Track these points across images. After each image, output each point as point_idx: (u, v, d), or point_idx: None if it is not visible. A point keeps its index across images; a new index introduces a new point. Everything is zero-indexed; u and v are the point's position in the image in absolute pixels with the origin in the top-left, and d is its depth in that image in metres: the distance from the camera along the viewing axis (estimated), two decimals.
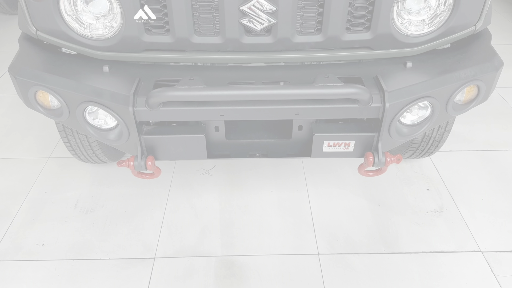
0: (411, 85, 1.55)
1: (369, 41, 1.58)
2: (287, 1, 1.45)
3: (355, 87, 1.44)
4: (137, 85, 1.55)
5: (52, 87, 1.58)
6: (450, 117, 1.74)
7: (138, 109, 1.51)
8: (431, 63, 1.65)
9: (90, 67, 1.64)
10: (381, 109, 1.53)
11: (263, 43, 1.55)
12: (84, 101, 1.56)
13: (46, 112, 1.69)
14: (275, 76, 1.61)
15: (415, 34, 1.61)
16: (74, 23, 1.59)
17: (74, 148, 2.20)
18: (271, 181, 2.41)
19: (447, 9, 1.58)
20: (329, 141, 1.64)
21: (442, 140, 2.20)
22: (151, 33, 1.56)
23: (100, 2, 1.54)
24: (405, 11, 1.57)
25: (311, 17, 1.53)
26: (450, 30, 1.63)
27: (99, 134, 1.67)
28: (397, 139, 1.65)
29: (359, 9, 1.53)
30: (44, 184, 2.40)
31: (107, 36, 1.60)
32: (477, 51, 1.72)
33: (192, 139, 1.62)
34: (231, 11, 1.47)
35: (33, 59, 1.70)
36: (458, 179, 2.41)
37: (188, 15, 1.49)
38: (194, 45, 1.56)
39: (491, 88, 1.71)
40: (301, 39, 1.56)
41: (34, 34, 1.66)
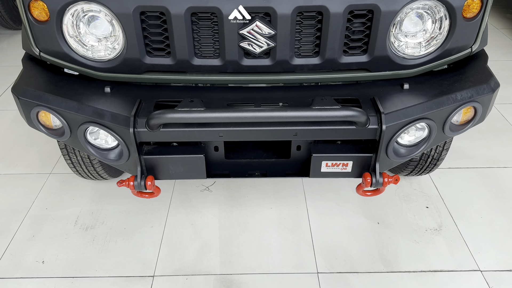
0: (408, 107, 1.57)
1: (366, 63, 1.61)
2: (285, 26, 1.48)
3: (352, 110, 1.46)
4: (138, 106, 1.57)
5: (54, 108, 1.60)
6: (447, 138, 1.76)
7: (138, 130, 1.54)
8: (428, 85, 1.68)
9: (92, 87, 1.67)
10: (378, 131, 1.55)
11: (262, 65, 1.58)
12: (85, 122, 1.59)
13: (48, 132, 1.71)
14: (274, 96, 1.64)
15: (411, 56, 1.64)
16: (76, 45, 1.62)
17: (75, 165, 2.22)
18: (271, 197, 2.42)
19: (443, 32, 1.61)
20: (327, 162, 1.65)
21: (440, 159, 2.21)
22: (153, 55, 1.59)
23: (102, 25, 1.58)
24: (402, 34, 1.60)
25: (309, 41, 1.56)
26: (446, 52, 1.65)
27: (100, 153, 1.69)
28: (394, 160, 1.67)
29: (356, 33, 1.56)
30: (45, 200, 2.42)
31: (109, 58, 1.63)
32: (474, 72, 1.74)
33: (192, 159, 1.64)
34: (231, 35, 1.50)
35: (35, 79, 1.73)
36: (457, 196, 2.42)
37: (188, 39, 1.52)
38: (195, 67, 1.59)
39: (488, 109, 1.73)
40: (299, 61, 1.59)
41: (37, 55, 1.69)
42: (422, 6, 1.55)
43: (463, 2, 1.54)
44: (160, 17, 1.50)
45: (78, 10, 1.54)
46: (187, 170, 1.67)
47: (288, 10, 1.46)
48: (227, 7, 1.46)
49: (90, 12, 1.55)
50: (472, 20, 1.59)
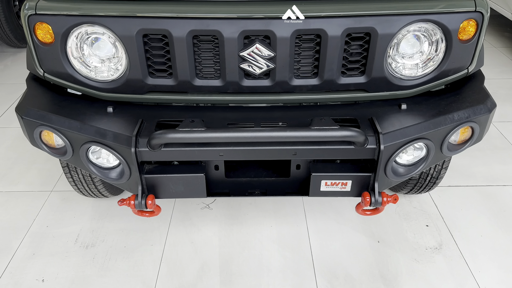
0: (406, 127, 1.60)
1: (364, 84, 1.64)
2: (284, 48, 1.52)
3: (350, 130, 1.48)
4: (140, 126, 1.60)
5: (57, 127, 1.63)
6: (445, 157, 1.77)
7: (140, 150, 1.56)
8: (425, 105, 1.70)
9: (94, 107, 1.70)
10: (376, 150, 1.57)
11: (262, 86, 1.61)
12: (87, 141, 1.61)
13: (51, 151, 1.74)
14: (274, 116, 1.67)
15: (409, 77, 1.67)
16: (80, 66, 1.65)
17: (77, 183, 2.23)
18: (271, 215, 2.43)
19: (439, 54, 1.64)
20: (326, 181, 1.67)
21: (440, 177, 2.22)
22: (155, 76, 1.62)
23: (105, 47, 1.61)
24: (399, 56, 1.63)
25: (308, 62, 1.59)
26: (443, 73, 1.68)
27: (101, 172, 1.71)
28: (393, 179, 1.68)
29: (353, 55, 1.59)
30: (46, 218, 2.42)
31: (112, 78, 1.66)
32: (471, 93, 1.77)
33: (192, 178, 1.66)
34: (231, 57, 1.53)
35: (39, 99, 1.76)
36: (457, 215, 2.42)
37: (190, 60, 1.55)
38: (196, 87, 1.62)
39: (485, 129, 1.75)
40: (298, 82, 1.62)
41: (41, 75, 1.72)
42: (418, 29, 1.59)
43: (458, 25, 1.57)
44: (163, 39, 1.54)
45: (82, 32, 1.58)
46: (187, 189, 1.69)
47: (287, 33, 1.50)
48: (228, 30, 1.49)
49: (94, 34, 1.58)
50: (468, 42, 1.63)
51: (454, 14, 1.56)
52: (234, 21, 1.49)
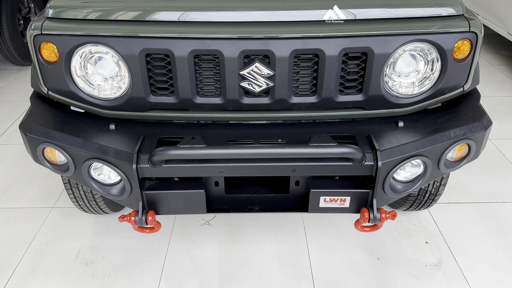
0: (403, 144, 1.62)
1: (361, 102, 1.67)
2: (283, 67, 1.55)
3: (348, 147, 1.51)
4: (142, 143, 1.62)
5: (60, 144, 1.66)
6: (443, 174, 1.79)
7: (141, 166, 1.58)
8: (422, 123, 1.73)
9: (97, 125, 1.73)
10: (374, 167, 1.59)
11: (261, 103, 1.65)
12: (89, 158, 1.64)
13: (53, 167, 1.76)
14: (273, 133, 1.70)
15: (405, 95, 1.70)
16: (83, 84, 1.69)
17: (78, 200, 2.25)
18: (271, 232, 2.43)
19: (435, 73, 1.68)
20: (325, 197, 1.69)
21: (438, 194, 2.24)
22: (157, 94, 1.66)
23: (108, 65, 1.65)
24: (395, 74, 1.67)
25: (306, 81, 1.63)
26: (439, 91, 1.72)
27: (103, 189, 1.73)
28: (391, 196, 1.70)
29: (351, 73, 1.63)
30: (47, 234, 2.43)
31: (114, 96, 1.69)
32: (467, 111, 1.80)
33: (193, 194, 1.68)
34: (232, 76, 1.57)
35: (42, 117, 1.79)
36: (457, 231, 2.43)
37: (191, 79, 1.59)
38: (197, 105, 1.66)
39: (481, 146, 1.78)
40: (297, 100, 1.65)
41: (45, 93, 1.76)
42: (414, 48, 1.63)
43: (453, 45, 1.62)
44: (165, 58, 1.58)
45: (86, 51, 1.62)
46: (187, 205, 1.71)
47: (286, 53, 1.54)
48: (228, 49, 1.54)
49: (97, 53, 1.63)
50: (463, 61, 1.67)
51: (449, 34, 1.60)
52: (234, 41, 1.53)
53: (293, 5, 1.62)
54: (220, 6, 1.61)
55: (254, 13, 1.58)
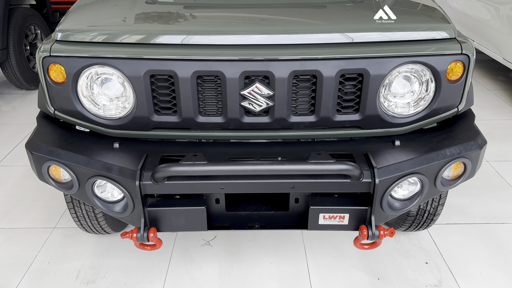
0: (400, 162, 1.67)
1: (358, 121, 1.72)
2: (282, 87, 1.61)
3: (346, 164, 1.55)
4: (145, 160, 1.67)
5: (65, 162, 1.70)
6: (439, 192, 1.83)
7: (144, 183, 1.62)
8: (418, 142, 1.78)
9: (101, 143, 1.78)
10: (372, 184, 1.63)
11: (261, 122, 1.70)
12: (93, 175, 1.67)
13: (57, 185, 1.79)
14: (273, 151, 1.74)
15: (401, 115, 1.75)
16: (89, 104, 1.74)
17: (80, 219, 2.27)
18: (271, 252, 2.44)
19: (430, 93, 1.74)
20: (324, 214, 1.72)
21: (437, 214, 2.26)
22: (160, 114, 1.71)
23: (114, 86, 1.71)
24: (391, 95, 1.73)
25: (305, 100, 1.69)
26: (434, 111, 1.77)
27: (106, 206, 1.76)
28: (389, 213, 1.73)
29: (348, 94, 1.69)
30: (48, 254, 2.44)
31: (119, 116, 1.75)
32: (462, 130, 1.85)
33: (194, 211, 1.71)
34: (233, 95, 1.63)
35: (48, 136, 1.84)
36: (456, 252, 2.44)
37: (194, 99, 1.65)
38: (199, 124, 1.71)
39: (477, 165, 1.81)
40: (296, 119, 1.70)
41: (52, 113, 1.81)
42: (408, 70, 1.69)
43: (446, 66, 1.68)
44: (169, 79, 1.64)
45: (92, 73, 1.68)
46: (188, 222, 1.73)
47: (285, 74, 1.60)
48: (229, 71, 1.60)
49: (104, 75, 1.69)
50: (456, 83, 1.72)
51: (442, 56, 1.66)
52: (236, 63, 1.60)
53: (292, 29, 1.69)
54: (222, 30, 1.69)
55: (255, 36, 1.65)
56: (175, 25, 1.78)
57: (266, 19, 1.86)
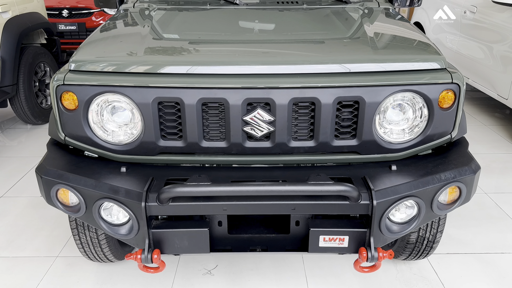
0: (396, 185, 1.73)
1: (356, 147, 1.80)
2: (283, 113, 1.70)
3: (344, 185, 1.61)
4: (151, 183, 1.73)
5: (73, 185, 1.76)
6: (436, 216, 1.87)
7: (149, 204, 1.68)
8: (413, 167, 1.84)
9: (109, 168, 1.85)
10: (370, 206, 1.68)
11: (263, 147, 1.78)
12: (101, 198, 1.73)
13: (65, 208, 1.85)
14: (274, 175, 1.81)
15: (396, 141, 1.83)
16: (99, 131, 1.83)
17: (84, 245, 2.30)
18: (272, 281, 2.45)
19: (423, 121, 1.82)
20: (324, 236, 1.76)
21: (436, 241, 2.29)
22: (166, 139, 1.79)
23: (123, 113, 1.80)
24: (386, 122, 1.81)
25: (304, 126, 1.77)
26: (428, 138, 1.84)
27: (111, 229, 1.81)
28: (388, 236, 1.77)
29: (345, 120, 1.77)
30: (50, 282, 2.45)
31: (127, 142, 1.83)
32: (456, 156, 1.92)
33: (197, 233, 1.76)
34: (236, 121, 1.72)
35: (58, 161, 1.91)
36: (457, 281, 2.44)
37: (199, 124, 1.73)
38: (203, 149, 1.78)
39: (472, 189, 1.87)
40: (296, 144, 1.78)
41: (62, 140, 1.89)
42: (402, 98, 1.78)
43: (438, 95, 1.77)
44: (175, 106, 1.73)
45: (103, 100, 1.78)
46: (191, 244, 1.77)
47: (285, 101, 1.69)
48: (233, 98, 1.69)
49: (114, 102, 1.78)
50: (448, 110, 1.81)
51: (434, 85, 1.76)
52: (239, 91, 1.69)
53: (291, 60, 1.81)
54: (226, 61, 1.80)
55: (257, 67, 1.76)
56: (181, 56, 1.90)
57: (267, 52, 1.98)
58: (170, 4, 2.68)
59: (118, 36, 2.29)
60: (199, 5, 2.64)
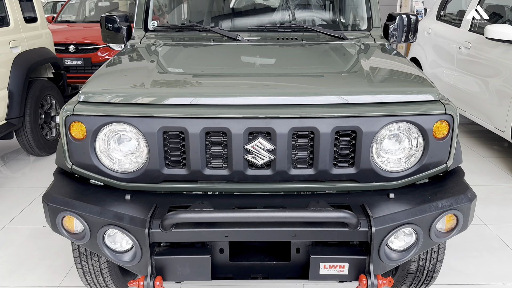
0: (394, 212, 1.77)
1: (354, 175, 1.85)
2: (283, 142, 1.77)
3: (343, 212, 1.66)
4: (154, 210, 1.78)
5: (79, 212, 1.81)
6: (435, 244, 1.90)
7: (153, 231, 1.72)
8: (411, 195, 1.89)
9: (114, 195, 1.90)
10: (369, 233, 1.72)
11: (264, 175, 1.83)
12: (105, 225, 1.77)
13: (70, 236, 1.89)
14: (274, 202, 1.85)
15: (394, 170, 1.89)
16: (105, 159, 1.89)
17: (86, 274, 2.31)
18: None
19: (419, 150, 1.88)
20: (325, 263, 1.78)
21: (436, 271, 2.30)
22: (170, 167, 1.85)
23: (129, 142, 1.87)
24: (383, 151, 1.87)
25: (304, 155, 1.83)
26: (424, 167, 1.90)
27: (115, 256, 1.84)
28: (387, 263, 1.79)
29: (343, 149, 1.84)
30: None
31: (132, 170, 1.88)
32: (452, 185, 1.97)
33: (199, 260, 1.78)
34: (238, 149, 1.78)
35: (64, 189, 1.96)
36: None
37: (202, 153, 1.79)
38: (205, 176, 1.84)
39: (469, 218, 1.91)
40: (296, 172, 1.84)
41: (69, 168, 1.95)
42: (398, 128, 1.85)
43: (432, 125, 1.84)
44: (179, 135, 1.80)
45: (110, 130, 1.85)
46: (193, 271, 1.80)
47: (285, 130, 1.76)
48: (235, 127, 1.77)
49: (121, 132, 1.85)
50: (443, 140, 1.87)
51: (429, 116, 1.83)
52: (241, 120, 1.77)
53: (291, 92, 1.89)
54: (228, 92, 1.89)
55: (258, 98, 1.84)
56: (185, 88, 1.99)
57: (268, 84, 2.07)
58: (175, 40, 2.80)
59: (125, 69, 2.39)
60: (203, 41, 2.76)
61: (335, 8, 3.41)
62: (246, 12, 3.70)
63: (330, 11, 3.45)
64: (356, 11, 3.16)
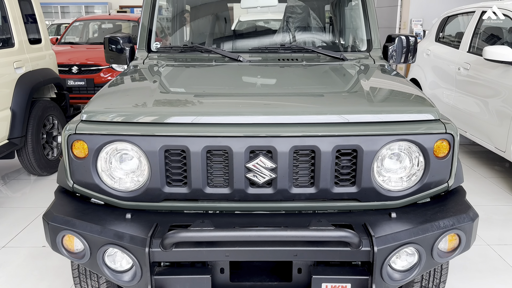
0: (396, 232, 1.76)
1: (355, 194, 1.85)
2: (284, 161, 1.77)
3: (345, 231, 1.65)
4: (155, 229, 1.77)
5: (79, 231, 1.80)
6: (437, 264, 1.88)
7: (153, 250, 1.70)
8: (413, 214, 1.88)
9: (114, 214, 1.89)
10: (371, 253, 1.70)
11: (265, 193, 1.83)
12: (105, 244, 1.76)
13: (69, 255, 1.87)
14: (276, 221, 1.84)
15: (395, 189, 1.88)
16: (106, 178, 1.89)
17: None
18: None
19: (420, 169, 1.88)
20: (327, 284, 1.76)
21: None
22: (171, 185, 1.85)
23: (131, 161, 1.87)
24: (384, 170, 1.87)
25: (305, 173, 1.83)
26: (425, 186, 1.90)
27: (114, 276, 1.82)
28: (390, 283, 1.77)
29: (344, 168, 1.84)
30: None
31: (133, 188, 1.88)
32: (454, 204, 1.96)
33: (199, 280, 1.76)
34: (239, 168, 1.78)
35: (65, 208, 1.96)
36: None
37: (203, 171, 1.80)
38: (206, 195, 1.84)
39: (471, 237, 1.90)
40: (297, 190, 1.83)
41: (70, 187, 1.95)
42: (399, 147, 1.86)
43: (433, 144, 1.84)
44: (181, 154, 1.81)
45: (112, 148, 1.86)
46: None
47: (286, 149, 1.77)
48: (236, 146, 1.77)
49: (122, 150, 1.86)
50: (444, 159, 1.88)
51: (429, 135, 1.84)
52: (242, 139, 1.78)
53: (292, 111, 1.91)
54: (230, 111, 1.90)
55: (259, 117, 1.86)
56: (187, 107, 2.00)
57: (269, 103, 2.09)
58: (178, 61, 2.84)
59: (128, 89, 2.42)
60: (205, 62, 2.79)
61: (335, 29, 3.47)
62: (248, 34, 3.76)
63: (330, 33, 3.51)
64: (355, 33, 3.20)
